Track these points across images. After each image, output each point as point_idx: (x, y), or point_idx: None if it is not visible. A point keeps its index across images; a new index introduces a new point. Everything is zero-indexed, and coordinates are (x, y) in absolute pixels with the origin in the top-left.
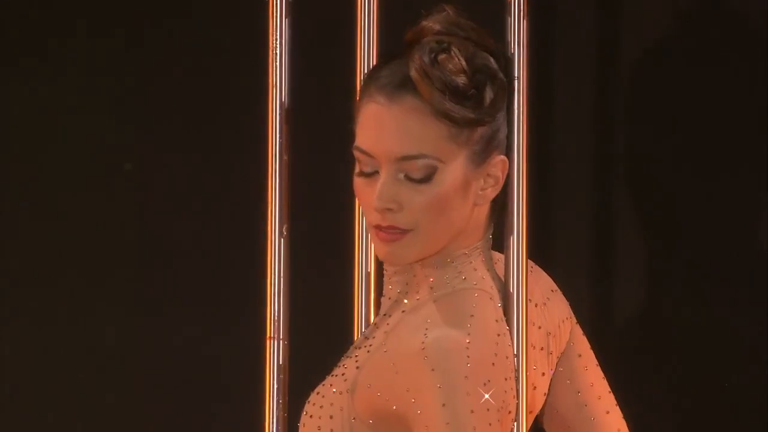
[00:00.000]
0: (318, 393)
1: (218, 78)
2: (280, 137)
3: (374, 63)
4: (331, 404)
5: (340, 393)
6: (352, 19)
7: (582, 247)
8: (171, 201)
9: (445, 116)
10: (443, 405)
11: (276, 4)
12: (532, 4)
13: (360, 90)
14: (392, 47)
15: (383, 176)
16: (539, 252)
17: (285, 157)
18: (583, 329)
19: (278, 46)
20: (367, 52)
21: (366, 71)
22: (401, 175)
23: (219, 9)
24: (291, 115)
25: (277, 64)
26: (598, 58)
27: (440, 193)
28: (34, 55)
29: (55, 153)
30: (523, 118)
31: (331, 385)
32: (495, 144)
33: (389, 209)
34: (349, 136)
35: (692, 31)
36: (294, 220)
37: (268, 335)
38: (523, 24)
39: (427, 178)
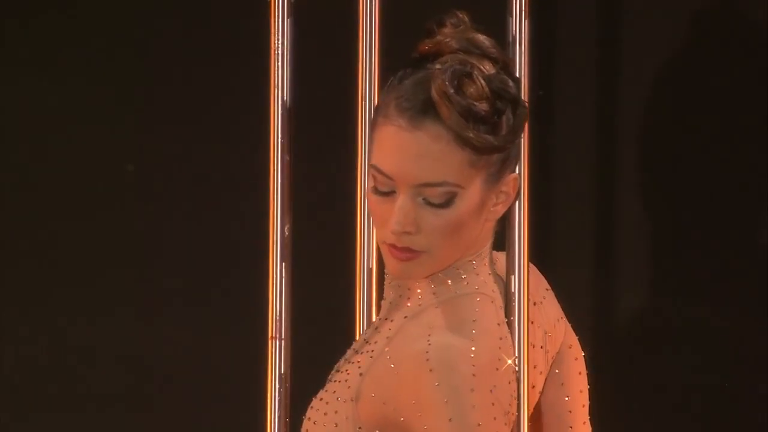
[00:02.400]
0: (321, 399)
1: (220, 78)
2: (281, 137)
3: (378, 65)
4: (336, 412)
5: (344, 401)
6: (354, 19)
7: (583, 248)
8: (172, 201)
9: (466, 143)
10: (450, 420)
11: (278, 4)
12: (533, 3)
13: (378, 105)
14: (392, 45)
15: (401, 199)
16: (541, 253)
17: (287, 157)
18: (582, 330)
19: (280, 46)
20: (368, 52)
21: (366, 70)
22: (420, 199)
23: (221, 9)
24: (293, 114)
25: (279, 64)
26: (599, 58)
27: (458, 216)
28: (33, 53)
29: (57, 152)
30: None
31: (334, 391)
32: (509, 163)
33: (406, 233)
34: (351, 135)
35: (694, 30)
36: (296, 220)
37: (270, 335)
38: (525, 24)
39: (447, 204)
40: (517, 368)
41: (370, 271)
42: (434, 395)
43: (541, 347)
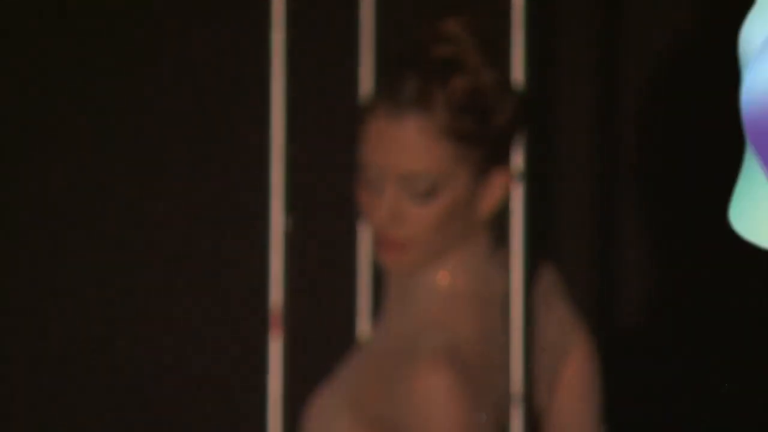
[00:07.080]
0: (319, 397)
1: (221, 73)
2: (283, 131)
3: (375, 60)
4: (332, 413)
5: (339, 402)
6: (354, 14)
7: (584, 248)
8: (172, 195)
9: (452, 134)
10: (429, 420)
11: None
12: None
13: (370, 95)
14: (393, 44)
15: (387, 191)
16: (541, 253)
17: (288, 152)
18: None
19: (281, 40)
20: (369, 47)
21: (365, 68)
22: (405, 191)
23: (221, 2)
24: (294, 107)
25: (280, 59)
26: (600, 53)
27: (443, 209)
28: (31, 52)
29: (53, 148)
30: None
31: (330, 392)
32: (499, 158)
33: (391, 224)
34: (352, 131)
35: (697, 29)
36: (297, 215)
37: (270, 331)
38: (523, 16)
39: (431, 195)
40: (509, 369)
41: (370, 272)
42: (413, 396)
43: (544, 350)
